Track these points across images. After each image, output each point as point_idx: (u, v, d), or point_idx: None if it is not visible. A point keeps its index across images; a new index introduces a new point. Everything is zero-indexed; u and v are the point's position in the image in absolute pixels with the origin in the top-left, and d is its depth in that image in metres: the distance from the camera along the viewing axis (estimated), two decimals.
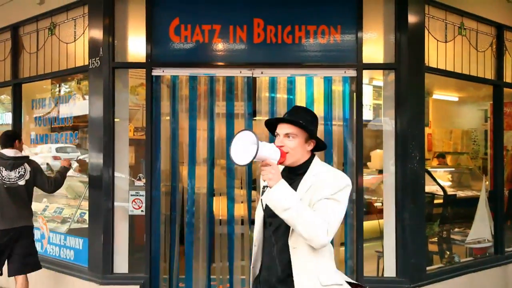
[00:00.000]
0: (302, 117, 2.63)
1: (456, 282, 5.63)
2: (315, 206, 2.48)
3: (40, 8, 6.08)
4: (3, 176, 5.32)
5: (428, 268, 5.48)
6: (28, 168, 5.44)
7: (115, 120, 5.33)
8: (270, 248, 2.67)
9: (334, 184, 2.52)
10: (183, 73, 5.25)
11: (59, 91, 6.64)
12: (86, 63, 5.52)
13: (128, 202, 5.28)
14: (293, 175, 2.65)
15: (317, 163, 2.68)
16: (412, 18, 5.20)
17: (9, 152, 5.41)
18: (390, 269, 5.25)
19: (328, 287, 2.58)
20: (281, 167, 2.69)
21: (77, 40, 5.82)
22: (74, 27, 5.85)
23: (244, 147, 2.40)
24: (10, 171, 5.34)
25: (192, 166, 5.32)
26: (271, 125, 2.74)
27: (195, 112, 5.30)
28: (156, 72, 5.22)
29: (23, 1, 6.35)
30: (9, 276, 5.42)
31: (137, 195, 5.28)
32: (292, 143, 2.59)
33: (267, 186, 2.43)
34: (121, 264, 5.29)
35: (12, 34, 6.76)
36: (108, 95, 5.25)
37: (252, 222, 5.28)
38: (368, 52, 5.20)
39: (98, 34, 5.33)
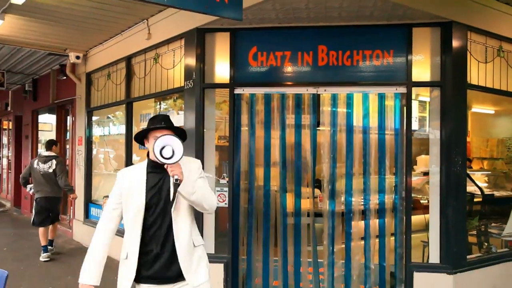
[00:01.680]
0: (171, 122, 2.77)
1: (493, 270, 5.26)
2: (198, 185, 2.65)
3: (147, 42, 6.15)
4: (39, 167, 7.15)
5: (468, 256, 5.16)
6: (54, 162, 7.21)
7: (204, 130, 5.28)
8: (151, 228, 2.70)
9: (199, 166, 2.80)
10: (260, 91, 5.13)
11: (160, 107, 6.72)
12: (182, 84, 5.51)
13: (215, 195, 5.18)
14: (158, 168, 2.67)
15: None
16: (455, 43, 4.87)
17: (44, 153, 7.47)
18: (434, 257, 4.96)
19: (200, 247, 2.81)
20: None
21: (175, 67, 5.83)
22: (173, 56, 5.86)
23: (158, 149, 2.46)
24: (44, 164, 7.18)
25: (267, 168, 5.18)
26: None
27: (269, 124, 5.15)
28: (237, 91, 5.14)
29: (134, 38, 6.45)
30: (49, 224, 7.33)
31: (222, 191, 5.20)
32: None
33: (178, 179, 2.47)
34: (209, 246, 5.18)
35: (126, 63, 6.91)
36: (200, 110, 5.22)
37: (316, 215, 5.10)
38: (416, 72, 4.92)
39: (191, 61, 5.31)
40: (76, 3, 5.43)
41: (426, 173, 5.57)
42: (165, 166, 2.50)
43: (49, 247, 7.28)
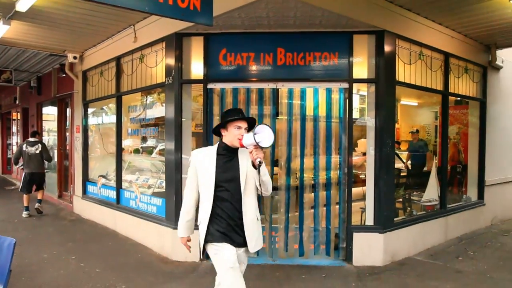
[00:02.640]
0: (243, 114, 2.71)
1: (413, 228, 5.38)
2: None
3: (134, 45, 5.81)
4: (28, 149, 7.77)
5: (395, 219, 5.24)
6: (40, 146, 7.88)
7: (182, 119, 5.07)
8: (223, 203, 2.63)
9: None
10: (228, 86, 4.94)
11: (146, 100, 6.44)
12: (163, 80, 5.26)
13: None
14: (231, 153, 2.65)
15: None
16: (387, 48, 4.84)
17: (31, 139, 7.98)
18: (369, 220, 5.00)
19: (259, 220, 2.73)
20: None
21: (157, 65, 5.55)
22: (156, 57, 5.58)
23: (252, 135, 2.44)
24: (31, 147, 7.81)
25: None
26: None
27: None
28: (210, 86, 4.94)
29: (123, 41, 6.10)
30: (35, 191, 7.94)
31: None
32: (243, 132, 2.62)
33: (261, 161, 2.45)
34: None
35: (116, 63, 6.56)
36: (178, 102, 5.02)
37: (274, 188, 4.95)
38: (356, 71, 4.85)
39: (171, 61, 5.08)
40: (72, 11, 5.08)
41: (365, 153, 5.56)
42: (250, 150, 2.47)
43: (37, 204, 7.89)
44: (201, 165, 2.68)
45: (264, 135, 2.44)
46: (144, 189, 6.17)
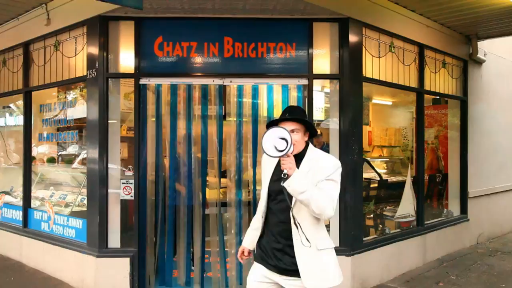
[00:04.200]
0: (300, 114, 2.68)
1: (387, 249, 5.67)
2: (319, 186, 2.51)
3: (47, 28, 5.81)
4: None
5: (365, 238, 5.52)
6: None
7: (109, 121, 5.14)
8: (273, 214, 2.70)
9: (330, 167, 2.58)
10: (166, 81, 5.07)
11: (64, 97, 6.43)
12: (85, 73, 5.30)
13: (120, 189, 5.11)
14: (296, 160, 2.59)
15: (311, 149, 2.71)
16: (352, 38, 5.15)
17: None
18: (334, 240, 5.05)
19: (324, 251, 2.62)
20: None
21: (77, 55, 5.59)
22: (75, 44, 5.61)
23: (272, 142, 2.43)
24: None
25: (173, 159, 5.18)
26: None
27: (175, 114, 5.12)
28: (143, 81, 5.05)
29: (32, 23, 6.05)
30: None
31: (127, 183, 5.09)
32: (297, 136, 2.61)
33: (286, 174, 2.43)
34: (114, 240, 5.13)
35: (24, 50, 6.49)
36: (103, 101, 5.07)
37: (222, 205, 5.19)
38: (318, 65, 5.14)
39: (94, 49, 5.13)
40: None
41: None
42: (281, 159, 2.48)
43: None
44: (263, 172, 2.84)
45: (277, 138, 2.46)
46: (60, 208, 6.13)
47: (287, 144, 2.39)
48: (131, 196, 5.06)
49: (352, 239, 5.15)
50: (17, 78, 6.68)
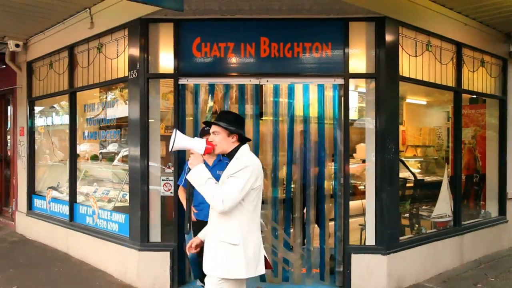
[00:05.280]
0: (224, 119, 2.92)
1: (423, 249, 5.56)
2: (228, 180, 2.78)
3: (90, 31, 5.98)
4: None
5: (400, 237, 5.43)
6: None
7: (150, 120, 5.22)
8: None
9: (235, 166, 2.80)
10: (204, 81, 5.13)
11: (106, 97, 6.59)
12: (126, 74, 5.42)
13: (160, 185, 5.19)
14: (230, 160, 2.92)
15: (241, 150, 2.91)
16: (388, 37, 5.07)
17: None
18: (370, 239, 5.17)
19: (222, 243, 2.82)
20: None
21: (119, 57, 5.71)
22: (117, 46, 5.74)
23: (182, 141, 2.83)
24: None
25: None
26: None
27: (213, 114, 5.17)
28: (181, 81, 5.11)
29: (77, 26, 6.25)
30: None
31: (167, 180, 5.18)
32: (217, 137, 2.89)
33: (189, 168, 2.81)
34: (155, 234, 5.23)
35: (69, 52, 6.70)
36: (144, 100, 5.16)
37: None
38: (354, 64, 5.08)
39: (135, 51, 5.23)
40: None
41: (364, 161, 5.76)
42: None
43: None
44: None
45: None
46: (103, 203, 6.30)
47: (173, 142, 2.75)
48: (171, 192, 5.14)
49: (388, 238, 5.07)
50: (63, 80, 6.89)
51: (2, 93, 9.12)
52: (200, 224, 3.79)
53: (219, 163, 4.09)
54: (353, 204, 5.28)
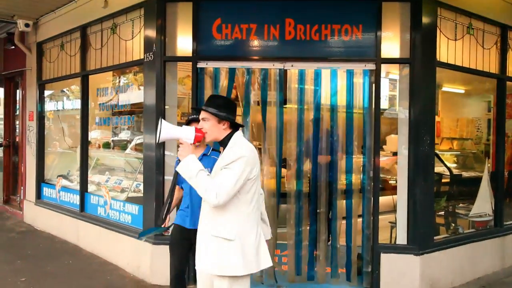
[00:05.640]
0: (213, 103, 2.91)
1: (460, 250, 5.51)
2: (220, 171, 2.76)
3: (104, 11, 6.08)
4: None
5: (435, 237, 5.39)
6: None
7: (166, 106, 5.30)
8: None
9: (229, 157, 2.77)
10: (224, 65, 5.16)
11: (119, 81, 6.69)
12: (142, 57, 5.49)
13: None
14: (224, 148, 2.92)
15: (234, 138, 2.90)
16: (425, 19, 5.02)
17: None
18: (401, 238, 5.17)
19: (215, 238, 2.82)
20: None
21: (134, 38, 5.79)
22: (132, 27, 5.82)
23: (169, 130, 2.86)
24: None
25: None
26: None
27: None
28: (200, 64, 5.15)
29: (90, 5, 6.36)
30: None
31: None
32: (206, 124, 2.88)
33: (178, 159, 2.82)
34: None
35: (81, 33, 6.82)
36: (160, 85, 5.23)
37: (280, 195, 5.23)
38: (386, 48, 5.04)
39: (152, 32, 5.29)
40: None
41: (395, 153, 5.73)
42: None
43: None
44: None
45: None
46: (116, 193, 6.42)
47: (159, 132, 2.78)
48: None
49: (421, 237, 5.06)
50: (75, 62, 7.02)
51: (11, 75, 9.34)
52: (182, 230, 3.76)
53: (205, 158, 3.66)
54: (383, 200, 5.25)
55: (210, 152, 3.69)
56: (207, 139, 2.95)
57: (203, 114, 2.91)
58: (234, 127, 2.94)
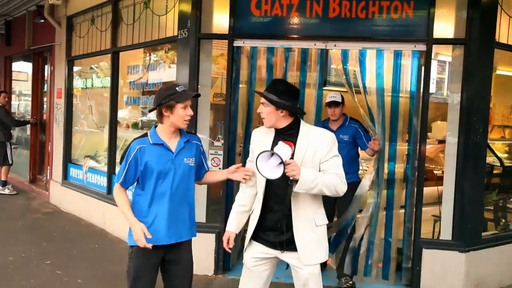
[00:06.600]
0: (274, 89, 2.88)
1: (510, 248, 5.30)
2: (328, 163, 2.82)
3: None
4: None
5: (483, 233, 5.23)
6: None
7: (199, 86, 5.23)
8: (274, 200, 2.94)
9: (329, 141, 2.85)
10: (262, 44, 5.05)
11: (150, 59, 6.66)
12: (176, 34, 5.42)
13: (208, 160, 5.20)
14: (286, 136, 2.90)
15: (304, 126, 2.94)
16: None
17: None
18: (446, 233, 5.01)
19: (320, 227, 2.93)
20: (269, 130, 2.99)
21: (168, 13, 5.74)
22: (166, 1, 5.76)
23: (268, 162, 2.66)
24: None
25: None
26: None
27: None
28: (237, 43, 5.06)
29: None
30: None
31: (216, 154, 5.22)
32: (265, 110, 2.87)
33: (293, 180, 2.66)
34: (200, 214, 5.20)
35: (113, 7, 6.82)
36: (194, 63, 5.16)
37: None
38: (438, 27, 4.82)
39: (187, 7, 5.21)
40: None
41: (441, 141, 5.55)
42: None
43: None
44: (255, 146, 3.03)
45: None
46: None
47: (281, 160, 2.59)
48: (219, 168, 5.16)
49: (468, 233, 4.90)
50: (105, 38, 7.04)
51: (40, 50, 9.44)
52: (154, 250, 2.98)
53: (187, 146, 3.10)
54: (427, 191, 5.10)
55: (190, 137, 3.16)
56: (265, 125, 2.94)
57: (263, 99, 2.91)
58: (295, 114, 2.93)
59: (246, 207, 3.14)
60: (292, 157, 2.76)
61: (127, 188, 3.10)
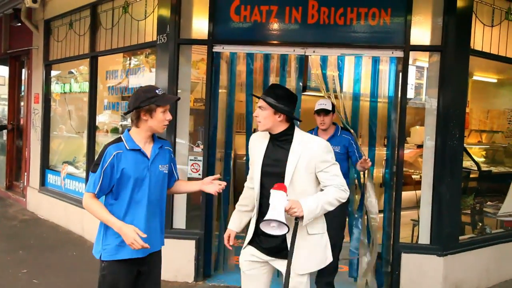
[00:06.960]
0: (272, 93, 2.87)
1: (487, 252, 5.43)
2: (324, 174, 2.79)
3: None
4: None
5: (460, 237, 5.32)
6: None
7: (178, 91, 5.24)
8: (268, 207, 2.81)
9: (324, 151, 2.82)
10: (241, 50, 5.10)
11: (129, 64, 6.66)
12: (155, 39, 5.44)
13: (187, 165, 5.24)
14: (280, 142, 2.90)
15: (299, 132, 2.92)
16: (460, 2, 4.89)
17: None
18: (424, 237, 5.09)
19: (313, 236, 2.88)
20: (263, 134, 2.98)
21: (147, 18, 5.76)
22: (145, 6, 5.78)
23: (271, 224, 2.62)
24: None
25: (246, 135, 5.23)
26: None
27: (251, 86, 5.14)
28: (216, 48, 5.10)
29: None
30: None
31: (195, 160, 5.23)
32: (262, 113, 2.85)
33: (298, 218, 2.66)
34: (179, 220, 5.30)
35: (92, 12, 6.80)
36: (173, 68, 5.18)
37: None
38: (415, 34, 4.92)
39: (166, 12, 5.24)
40: None
41: (420, 146, 5.64)
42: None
43: None
44: (252, 152, 3.06)
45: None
46: None
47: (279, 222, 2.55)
48: (199, 174, 5.17)
49: (446, 237, 4.99)
50: (84, 42, 7.01)
51: (17, 54, 9.35)
52: (132, 264, 2.85)
53: (161, 152, 2.95)
54: (405, 195, 5.19)
55: (164, 143, 3.03)
56: (260, 129, 2.93)
57: (260, 103, 2.89)
58: (291, 120, 2.93)
59: (248, 207, 3.13)
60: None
61: (99, 198, 2.83)
